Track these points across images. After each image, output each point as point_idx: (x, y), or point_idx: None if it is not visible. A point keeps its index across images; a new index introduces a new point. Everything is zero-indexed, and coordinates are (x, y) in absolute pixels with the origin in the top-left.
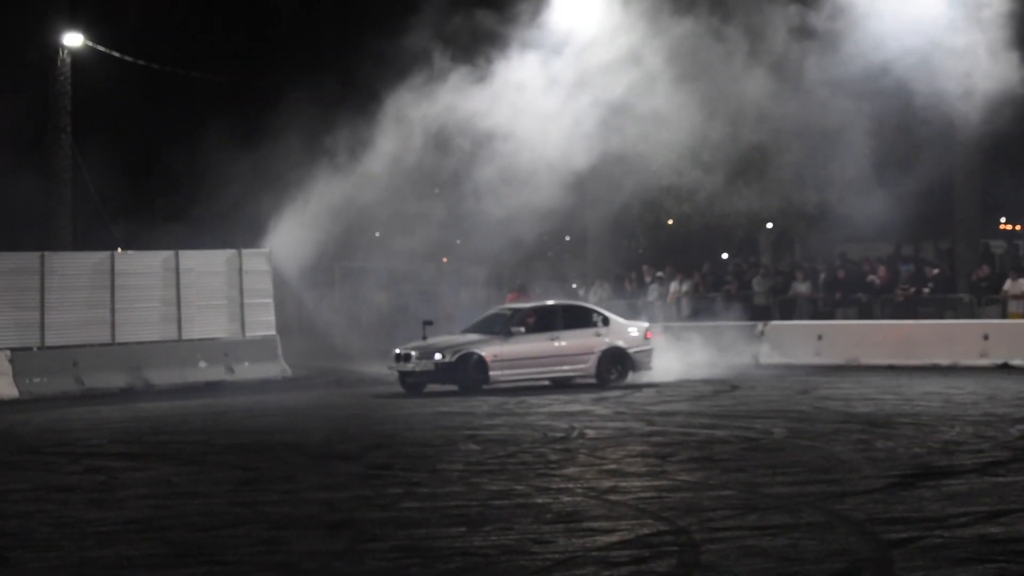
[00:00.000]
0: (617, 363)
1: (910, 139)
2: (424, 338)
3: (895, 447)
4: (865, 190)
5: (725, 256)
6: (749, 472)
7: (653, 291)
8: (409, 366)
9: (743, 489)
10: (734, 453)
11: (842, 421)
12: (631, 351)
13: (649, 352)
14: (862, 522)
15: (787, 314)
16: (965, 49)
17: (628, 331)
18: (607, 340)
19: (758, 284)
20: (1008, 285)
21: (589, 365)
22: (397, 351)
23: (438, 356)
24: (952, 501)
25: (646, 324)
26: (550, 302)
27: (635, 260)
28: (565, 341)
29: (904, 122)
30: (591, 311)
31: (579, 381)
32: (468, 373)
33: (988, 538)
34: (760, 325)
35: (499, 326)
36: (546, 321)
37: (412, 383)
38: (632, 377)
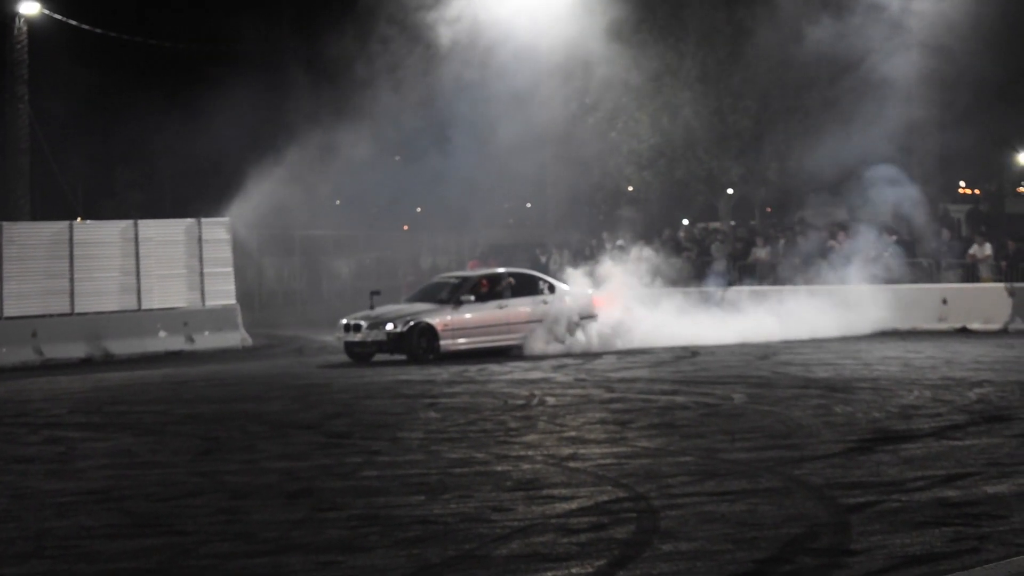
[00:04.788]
0: (563, 330)
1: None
2: (371, 307)
3: (853, 412)
4: (826, 155)
5: (685, 222)
6: (708, 438)
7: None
8: (359, 336)
9: (702, 455)
10: (694, 419)
11: (801, 386)
12: (577, 317)
13: (595, 319)
14: (820, 487)
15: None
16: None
17: (574, 298)
18: (553, 307)
19: (717, 250)
20: (975, 250)
21: (536, 332)
22: (345, 321)
23: (390, 326)
24: (910, 465)
25: (591, 291)
26: (500, 270)
27: (596, 227)
28: (513, 309)
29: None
30: (538, 279)
31: (527, 350)
32: (418, 342)
33: (945, 502)
34: (720, 291)
35: (446, 294)
36: (494, 289)
37: (360, 352)
38: (580, 344)
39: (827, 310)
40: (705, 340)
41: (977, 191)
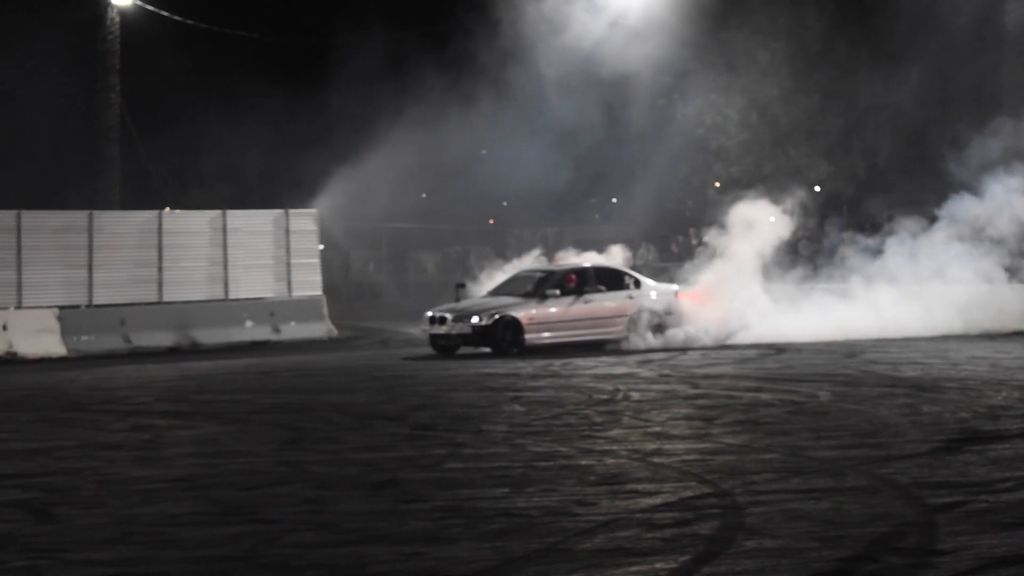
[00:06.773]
0: (648, 325)
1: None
2: (457, 300)
3: (941, 411)
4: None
5: (772, 219)
6: (794, 435)
7: (700, 254)
8: (444, 329)
9: (787, 452)
10: (779, 416)
11: (888, 385)
12: (662, 313)
13: (680, 314)
14: (907, 486)
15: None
16: None
17: (659, 293)
18: (639, 303)
19: (804, 248)
20: None
21: (621, 328)
22: (430, 314)
23: (475, 319)
24: (998, 466)
25: (676, 287)
26: (586, 264)
27: (681, 223)
28: (598, 303)
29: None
30: (623, 273)
31: (611, 345)
32: (503, 335)
33: None
34: (807, 287)
35: (531, 288)
36: (580, 284)
37: (444, 345)
38: (664, 339)
39: (915, 309)
40: (791, 336)
41: None
